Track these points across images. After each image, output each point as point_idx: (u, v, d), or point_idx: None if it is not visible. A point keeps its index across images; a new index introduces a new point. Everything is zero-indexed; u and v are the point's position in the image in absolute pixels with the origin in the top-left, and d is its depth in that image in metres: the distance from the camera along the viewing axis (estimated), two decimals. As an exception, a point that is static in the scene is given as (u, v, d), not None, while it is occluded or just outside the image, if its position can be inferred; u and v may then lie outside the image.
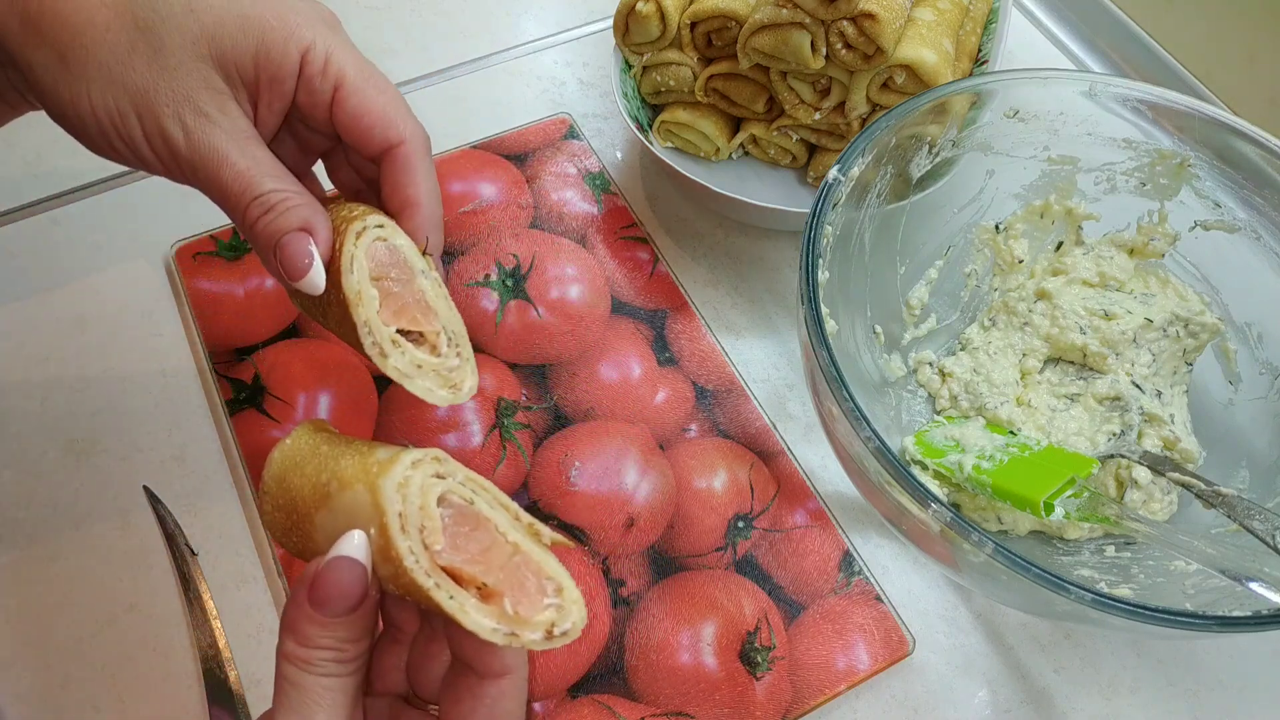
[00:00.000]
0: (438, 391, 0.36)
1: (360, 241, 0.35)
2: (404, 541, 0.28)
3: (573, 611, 0.30)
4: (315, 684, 0.29)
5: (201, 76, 0.34)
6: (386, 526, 0.28)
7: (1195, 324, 0.52)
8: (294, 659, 0.29)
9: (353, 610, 0.29)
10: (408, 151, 0.37)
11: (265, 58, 0.35)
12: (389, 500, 0.29)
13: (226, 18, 0.34)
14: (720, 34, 0.58)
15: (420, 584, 0.28)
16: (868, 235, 0.52)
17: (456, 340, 0.37)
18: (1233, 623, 0.36)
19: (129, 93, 0.33)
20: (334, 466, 0.31)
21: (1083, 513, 0.45)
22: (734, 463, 0.53)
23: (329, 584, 0.29)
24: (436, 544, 0.29)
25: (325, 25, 0.36)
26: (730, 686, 0.47)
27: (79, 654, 0.47)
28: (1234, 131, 0.49)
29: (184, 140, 0.34)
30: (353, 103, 0.36)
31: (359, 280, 0.35)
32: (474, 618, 0.28)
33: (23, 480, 0.52)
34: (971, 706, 0.48)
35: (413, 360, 0.36)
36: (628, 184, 0.66)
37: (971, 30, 0.61)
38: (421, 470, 0.30)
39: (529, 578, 0.30)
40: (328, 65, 0.36)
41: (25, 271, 0.60)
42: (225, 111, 0.34)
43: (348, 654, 0.30)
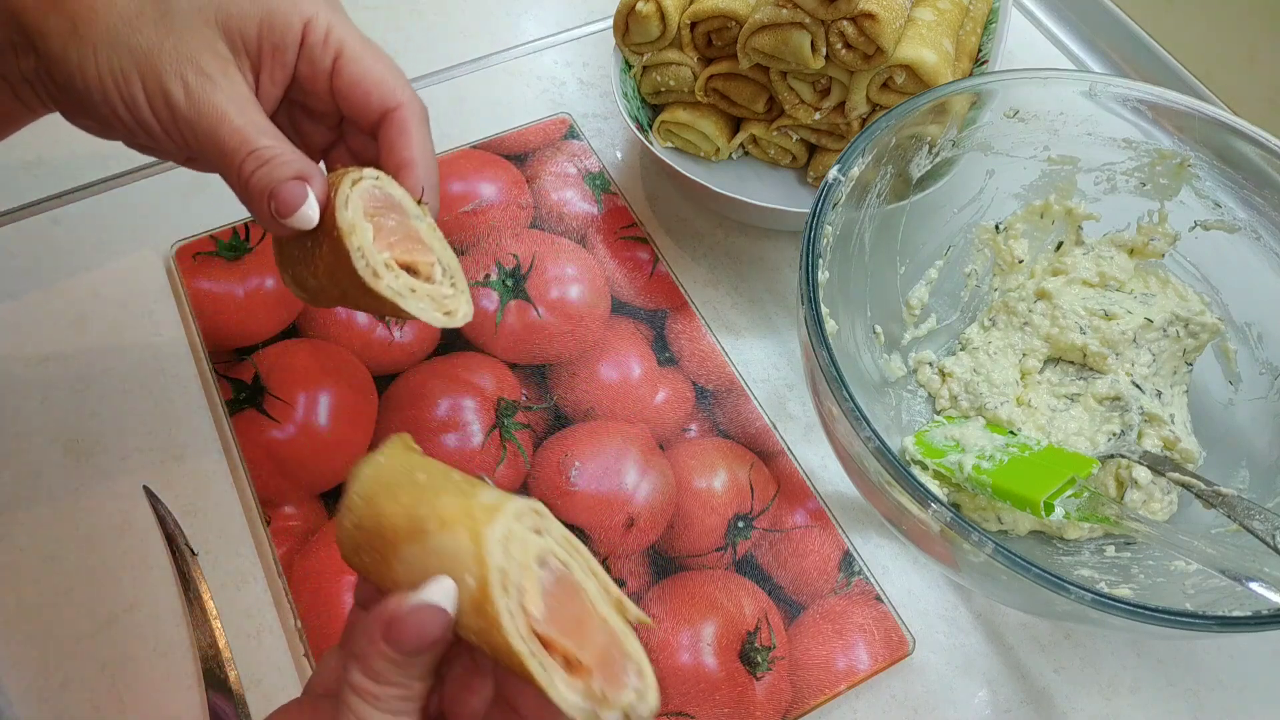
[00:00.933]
0: (432, 314, 0.36)
1: (356, 187, 0.36)
2: (503, 600, 0.27)
3: (649, 696, 0.29)
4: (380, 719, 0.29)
5: (206, 40, 0.35)
6: (487, 582, 0.27)
7: (1195, 324, 0.52)
8: (363, 693, 0.29)
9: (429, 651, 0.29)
10: (404, 115, 0.39)
11: (269, 26, 0.36)
12: (492, 554, 0.28)
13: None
14: (720, 34, 0.58)
15: (515, 648, 0.27)
16: (868, 235, 0.52)
17: (451, 272, 0.38)
18: (1233, 623, 0.36)
19: (133, 54, 0.34)
20: (434, 501, 0.30)
21: (1083, 513, 0.45)
22: (734, 463, 0.53)
23: (413, 627, 0.28)
24: (534, 608, 0.28)
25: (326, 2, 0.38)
26: (730, 686, 0.47)
27: (79, 654, 0.47)
28: (1234, 131, 0.49)
29: (184, 98, 0.35)
30: (351, 69, 0.38)
31: (353, 214, 0.35)
32: (562, 691, 0.27)
33: (23, 480, 0.52)
34: (971, 706, 0.48)
35: (406, 284, 0.36)
36: (628, 184, 0.66)
37: (971, 30, 0.61)
38: (523, 523, 0.29)
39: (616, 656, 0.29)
40: (329, 35, 0.37)
41: (25, 271, 0.60)
42: (227, 75, 0.35)
43: (414, 691, 0.29)
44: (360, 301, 0.37)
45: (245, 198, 0.36)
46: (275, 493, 0.51)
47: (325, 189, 0.36)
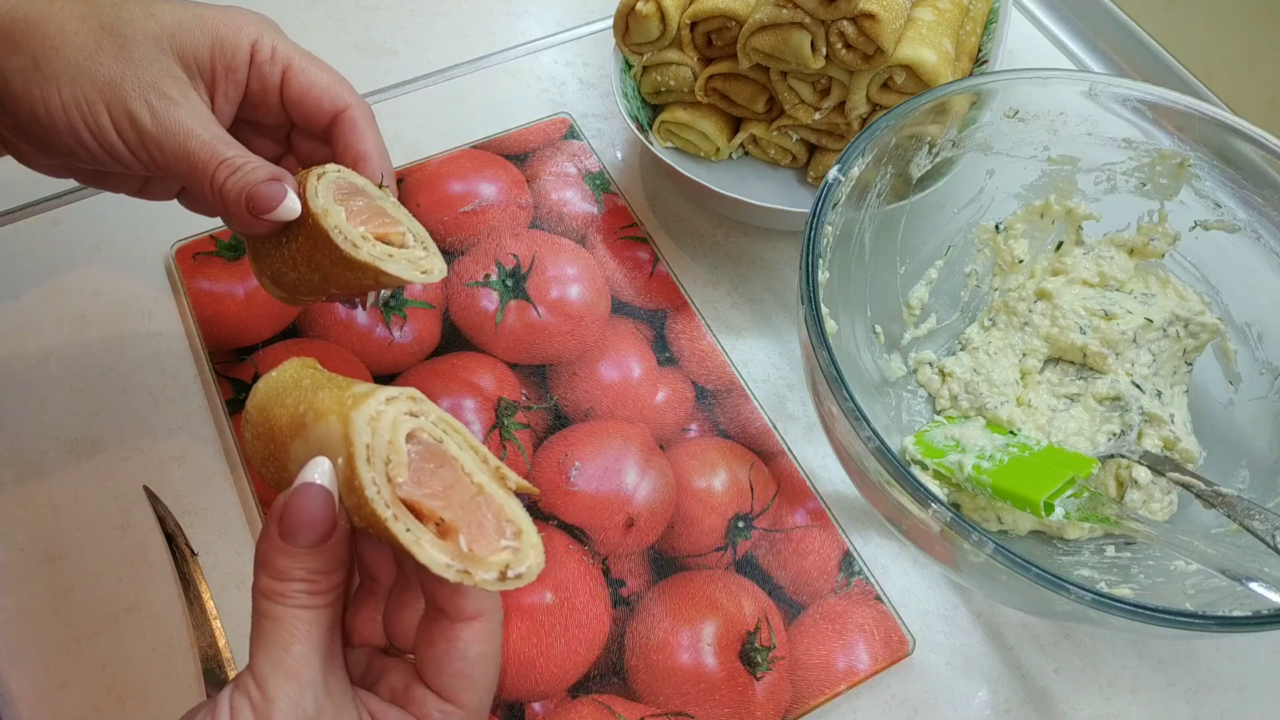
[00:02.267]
0: (412, 273, 0.39)
1: (322, 180, 0.38)
2: (368, 472, 0.29)
3: (529, 555, 0.30)
4: (290, 615, 0.29)
5: (164, 67, 0.38)
6: (353, 456, 0.29)
7: (1195, 324, 0.52)
8: (268, 593, 0.30)
9: (322, 540, 0.30)
10: (354, 115, 0.42)
11: (220, 49, 0.39)
12: (358, 432, 0.29)
13: (183, 17, 0.38)
14: (720, 34, 0.58)
15: (379, 514, 0.28)
16: (868, 235, 0.52)
17: (421, 239, 0.41)
18: (1233, 623, 0.36)
19: (97, 84, 0.36)
20: (312, 398, 0.32)
21: (1083, 513, 0.45)
22: (734, 463, 0.53)
23: (296, 511, 0.29)
24: (400, 476, 0.29)
25: (268, 24, 0.41)
26: (730, 686, 0.47)
27: (79, 654, 0.47)
28: (1234, 131, 0.49)
29: (150, 120, 0.37)
30: (300, 80, 0.41)
31: (325, 200, 0.38)
32: (428, 552, 0.28)
33: (23, 480, 0.52)
34: (971, 706, 0.48)
35: (384, 250, 0.39)
36: (628, 184, 0.66)
37: (971, 30, 0.61)
38: (395, 407, 0.30)
39: (489, 519, 0.30)
40: (275, 52, 0.40)
41: (25, 271, 0.60)
42: (187, 96, 0.38)
43: (320, 585, 0.30)
44: (341, 279, 0.39)
45: (220, 203, 0.38)
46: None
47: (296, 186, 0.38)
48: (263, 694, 0.29)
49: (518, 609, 0.48)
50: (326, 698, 0.30)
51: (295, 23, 0.74)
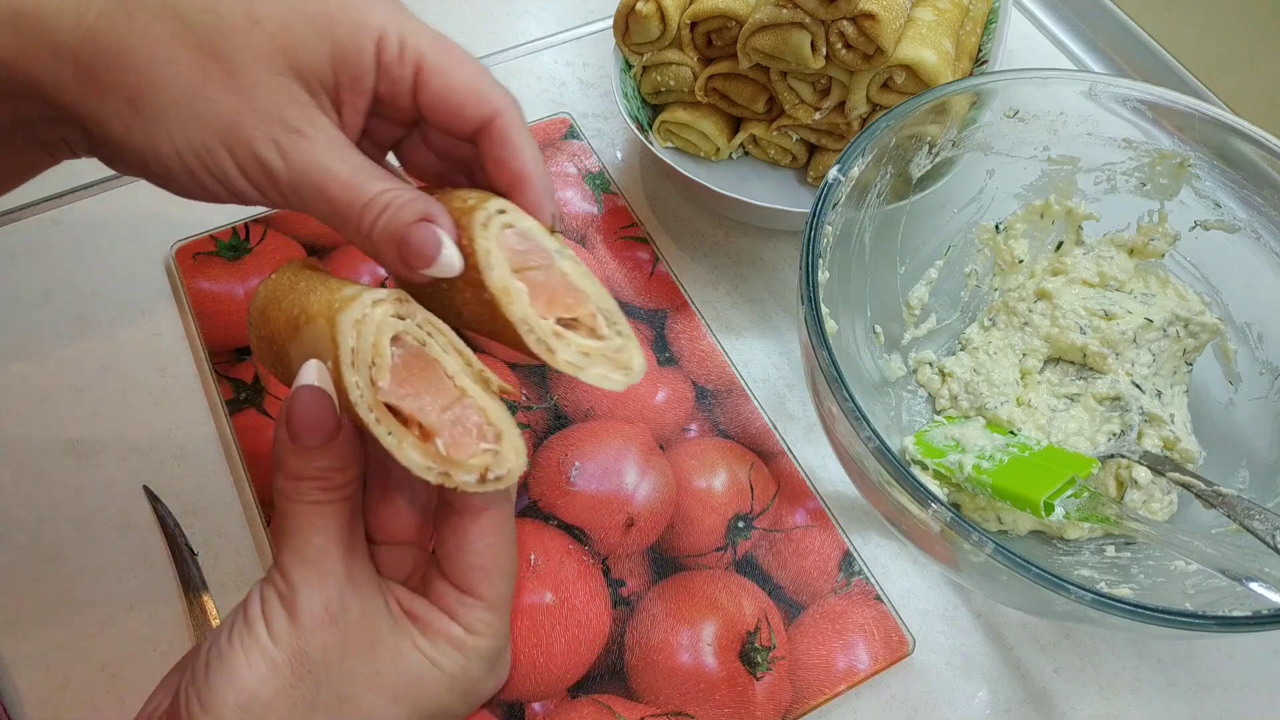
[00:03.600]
0: (612, 376, 0.33)
1: (489, 231, 0.32)
2: (351, 376, 0.29)
3: (509, 458, 0.30)
4: (306, 511, 0.31)
5: (285, 91, 0.31)
6: (338, 360, 0.29)
7: (1195, 324, 0.52)
8: (285, 492, 0.31)
9: (328, 439, 0.31)
10: (505, 123, 0.34)
11: (341, 59, 0.32)
12: (343, 335, 0.29)
13: (293, 21, 0.31)
14: (720, 34, 0.58)
15: (361, 418, 0.29)
16: (868, 235, 0.52)
17: (613, 318, 0.34)
18: (1233, 623, 0.36)
19: (213, 126, 0.31)
20: (304, 301, 0.32)
21: (1083, 513, 0.45)
22: (734, 463, 0.53)
23: (297, 414, 0.30)
24: (382, 380, 0.30)
25: (390, 5, 0.33)
26: (730, 686, 0.47)
27: (79, 654, 0.47)
28: (1234, 131, 0.49)
29: (281, 162, 0.31)
30: (437, 84, 0.33)
31: (502, 276, 0.31)
32: (408, 454, 0.29)
33: (23, 480, 0.52)
34: (971, 706, 0.48)
35: (579, 350, 0.33)
36: (628, 184, 0.66)
37: (971, 30, 0.61)
38: (381, 309, 0.30)
39: (471, 422, 0.30)
40: (404, 49, 0.33)
41: (25, 271, 0.60)
42: (315, 124, 0.32)
43: (333, 481, 0.31)
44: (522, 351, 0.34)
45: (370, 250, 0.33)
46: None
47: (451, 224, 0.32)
48: (287, 584, 0.31)
49: (518, 609, 0.48)
50: (350, 585, 0.31)
51: (295, 23, 0.74)
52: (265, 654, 0.30)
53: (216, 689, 0.30)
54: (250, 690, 0.30)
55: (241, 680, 0.30)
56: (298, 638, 0.30)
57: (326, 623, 0.31)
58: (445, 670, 0.32)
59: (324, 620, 0.30)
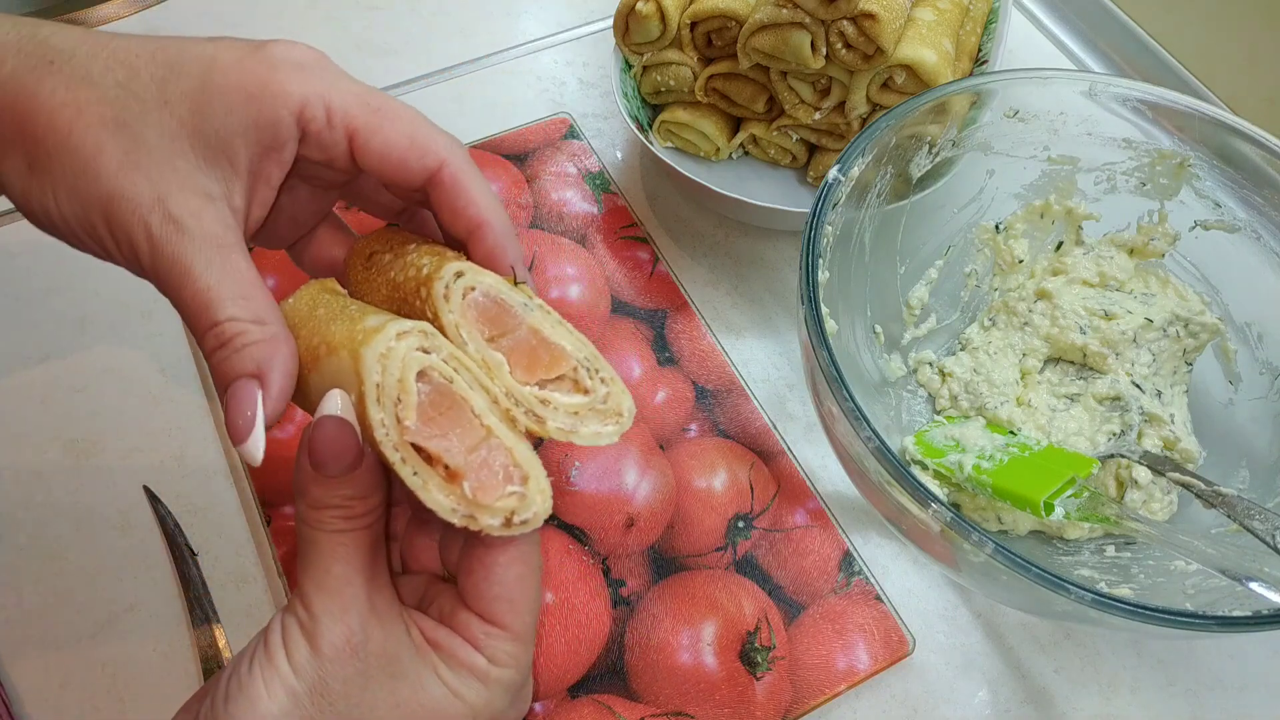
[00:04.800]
0: (604, 430, 0.33)
1: (452, 304, 0.31)
2: (377, 413, 0.29)
3: (535, 501, 0.29)
4: (328, 540, 0.31)
5: (178, 175, 0.31)
6: (363, 396, 0.29)
7: (1195, 324, 0.52)
8: (307, 520, 0.31)
9: (350, 468, 0.30)
10: (452, 171, 0.34)
11: (256, 133, 0.31)
12: (368, 370, 0.29)
13: (204, 100, 0.31)
14: (720, 34, 0.58)
15: (387, 457, 0.29)
16: (868, 235, 0.52)
17: (594, 365, 0.34)
18: (1233, 623, 0.36)
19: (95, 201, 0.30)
20: (325, 331, 0.31)
21: (1083, 513, 0.45)
22: (734, 463, 0.53)
23: (319, 443, 0.30)
24: (408, 420, 0.29)
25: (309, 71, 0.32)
26: (730, 686, 0.47)
27: (79, 654, 0.47)
28: (1234, 131, 0.49)
29: (148, 249, 0.31)
30: (374, 144, 0.33)
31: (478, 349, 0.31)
32: (434, 496, 0.29)
33: (23, 480, 0.52)
34: (971, 706, 0.48)
35: (568, 412, 0.32)
36: (628, 184, 0.66)
37: (971, 30, 0.61)
38: (406, 342, 0.29)
39: (497, 463, 0.30)
40: (331, 115, 0.32)
41: (25, 271, 0.60)
42: (199, 216, 0.31)
43: (355, 510, 0.31)
44: None
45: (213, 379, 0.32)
46: (275, 493, 0.51)
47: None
48: (309, 613, 0.30)
49: (518, 609, 0.48)
50: (372, 615, 0.31)
51: (295, 23, 0.74)
52: (286, 684, 0.30)
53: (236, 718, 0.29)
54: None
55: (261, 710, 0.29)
56: (319, 668, 0.30)
57: (348, 654, 0.30)
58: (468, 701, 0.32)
59: (345, 651, 0.30)
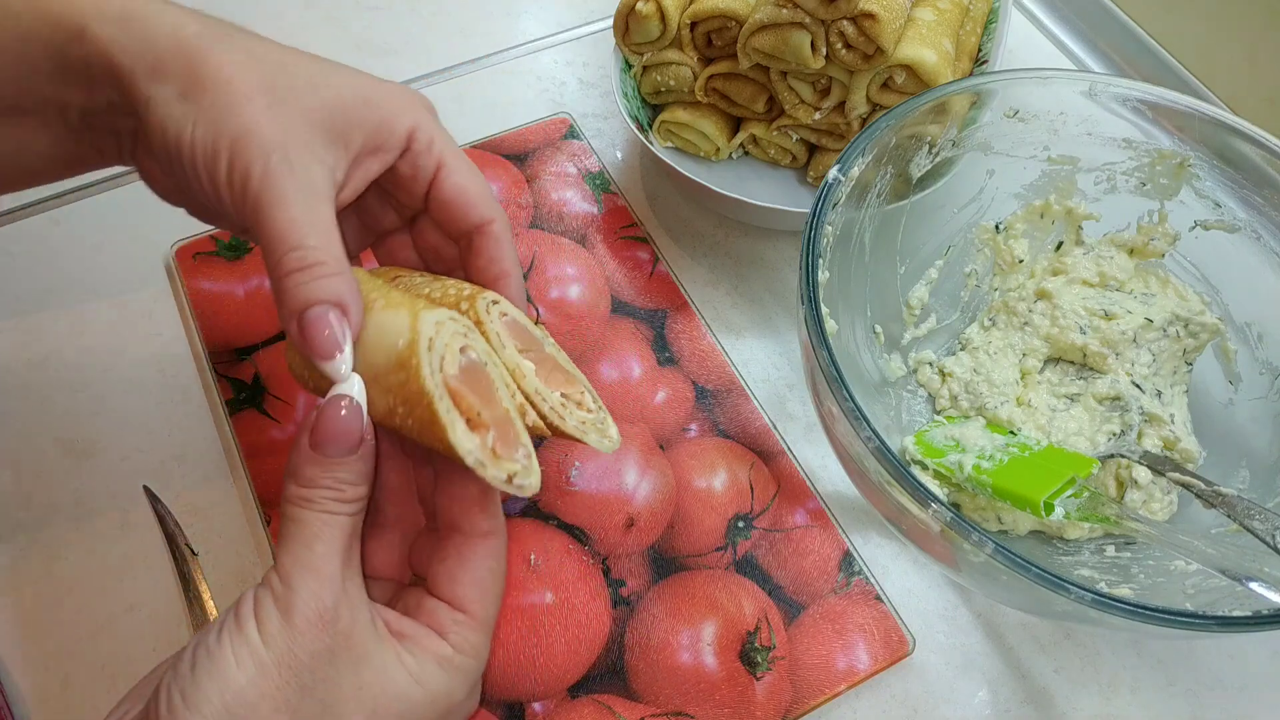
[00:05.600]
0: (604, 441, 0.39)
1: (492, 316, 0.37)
2: (427, 355, 0.32)
3: (534, 473, 0.34)
4: (315, 519, 0.32)
5: (302, 134, 0.35)
6: (416, 338, 0.32)
7: (1195, 324, 0.52)
8: (295, 499, 0.32)
9: (350, 451, 0.32)
10: (499, 228, 0.40)
11: (374, 131, 0.37)
12: (425, 324, 0.32)
13: (347, 95, 0.36)
14: (720, 34, 0.58)
15: (428, 389, 0.31)
16: (868, 235, 0.52)
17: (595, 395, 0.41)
18: (1233, 623, 0.36)
19: (229, 131, 0.34)
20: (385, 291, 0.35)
21: (1083, 513, 0.45)
22: (734, 463, 0.53)
23: (327, 421, 0.32)
24: (451, 369, 0.33)
25: (429, 111, 0.39)
26: (730, 686, 0.47)
27: (79, 654, 0.47)
28: (1234, 131, 0.49)
29: (259, 178, 0.33)
30: (453, 181, 0.39)
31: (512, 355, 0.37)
32: (460, 435, 0.32)
33: (23, 480, 0.52)
34: (971, 706, 0.48)
35: (578, 419, 0.39)
36: (628, 184, 0.66)
37: (971, 30, 0.61)
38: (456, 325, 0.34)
39: (511, 435, 0.34)
40: (432, 144, 0.38)
41: (25, 271, 0.60)
42: (307, 167, 0.34)
43: (345, 494, 0.32)
44: None
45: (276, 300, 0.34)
46: (275, 493, 0.51)
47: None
48: (285, 585, 0.31)
49: (518, 609, 0.48)
50: (344, 596, 0.32)
51: (295, 22, 0.74)
52: (254, 654, 0.30)
53: (203, 686, 0.30)
54: (237, 690, 0.30)
55: (229, 679, 0.30)
56: (289, 639, 0.31)
57: (319, 627, 0.31)
58: (428, 689, 0.33)
59: (317, 625, 0.31)
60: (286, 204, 0.33)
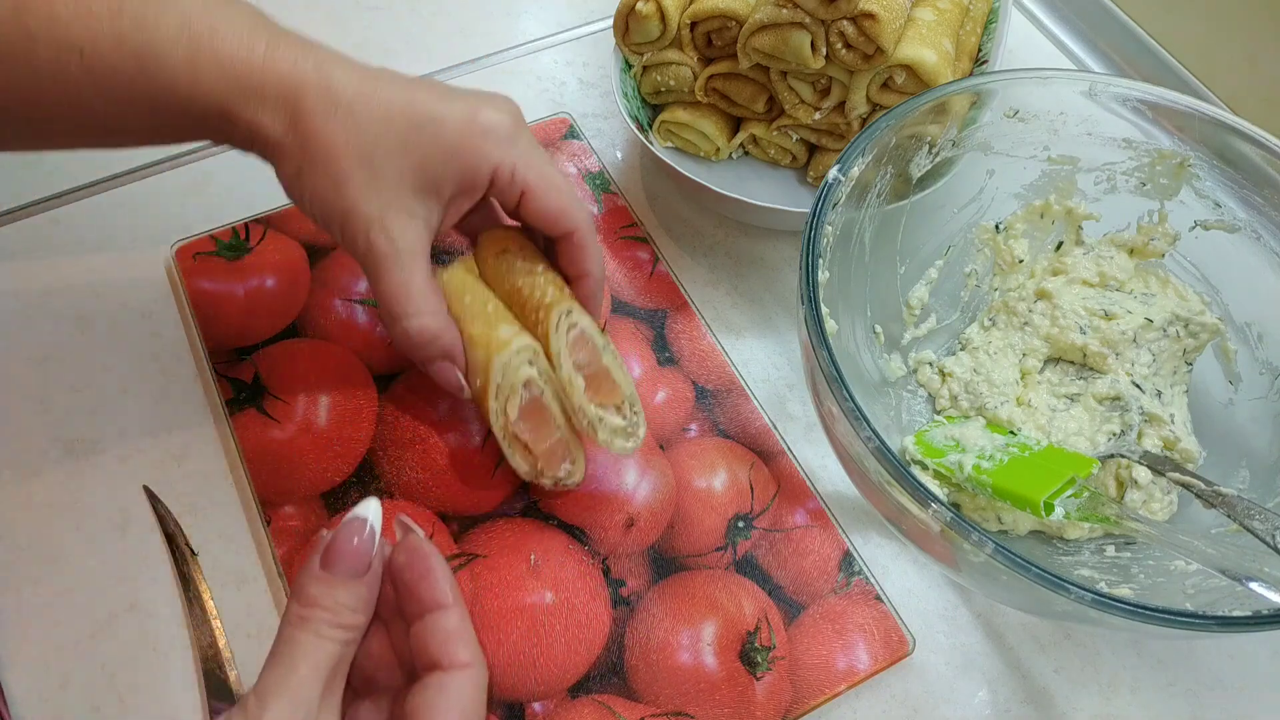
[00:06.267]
0: (627, 445, 0.48)
1: (560, 334, 0.46)
2: (494, 404, 0.45)
3: (577, 473, 0.48)
4: (306, 640, 0.32)
5: (399, 200, 0.42)
6: (487, 390, 0.45)
7: (1195, 324, 0.52)
8: (292, 619, 0.33)
9: (358, 574, 0.33)
10: (581, 236, 0.47)
11: (462, 178, 0.44)
12: (494, 373, 0.44)
13: (432, 151, 0.42)
14: (720, 34, 0.58)
15: (496, 434, 0.46)
16: (868, 235, 0.52)
17: (634, 404, 0.48)
18: (1233, 623, 0.36)
19: (336, 211, 0.42)
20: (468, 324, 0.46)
21: (1083, 513, 0.45)
22: (734, 463, 0.53)
23: (343, 539, 0.33)
24: (513, 414, 0.45)
25: (506, 140, 0.44)
26: (730, 686, 0.47)
27: (79, 654, 0.47)
28: (1234, 131, 0.49)
29: (365, 250, 0.43)
30: (535, 205, 0.45)
31: (568, 371, 0.46)
32: (518, 460, 0.47)
33: (23, 480, 0.52)
34: (971, 706, 0.48)
35: (610, 428, 0.47)
36: (628, 184, 0.66)
37: (971, 30, 0.61)
38: (522, 356, 0.45)
39: (559, 450, 0.47)
40: (514, 177, 0.44)
41: (25, 271, 0.60)
42: (404, 231, 0.43)
43: (344, 620, 0.33)
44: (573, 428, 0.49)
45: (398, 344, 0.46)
46: (275, 493, 0.51)
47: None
48: (260, 706, 0.31)
49: (518, 609, 0.48)
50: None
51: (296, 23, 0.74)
52: None
53: None
54: None
55: None
56: None
57: None
58: None
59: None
60: (388, 274, 0.43)
